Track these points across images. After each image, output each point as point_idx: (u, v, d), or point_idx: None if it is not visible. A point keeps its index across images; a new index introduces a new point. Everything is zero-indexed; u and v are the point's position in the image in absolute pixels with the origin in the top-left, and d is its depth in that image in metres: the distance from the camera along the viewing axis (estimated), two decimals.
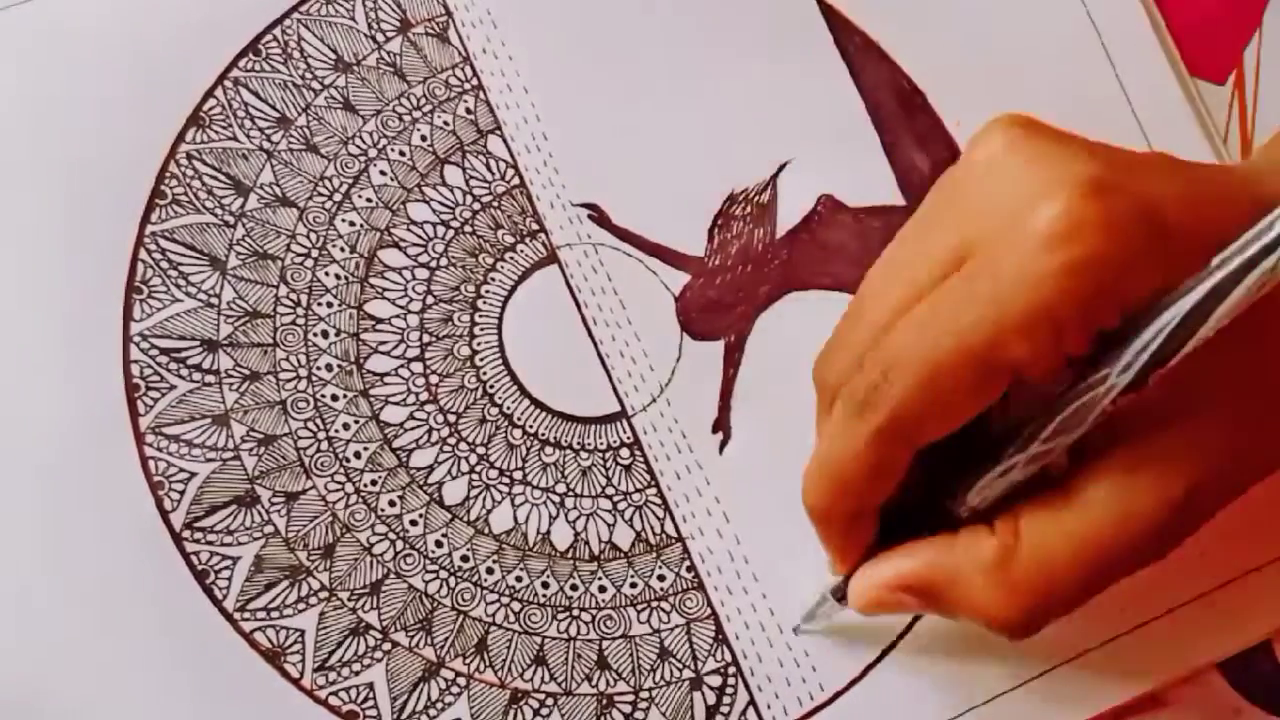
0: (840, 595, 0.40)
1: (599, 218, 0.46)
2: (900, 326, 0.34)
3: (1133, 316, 0.32)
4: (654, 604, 0.44)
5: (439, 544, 0.43)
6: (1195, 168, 0.36)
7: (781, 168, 0.47)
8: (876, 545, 0.39)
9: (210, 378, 0.43)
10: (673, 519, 0.44)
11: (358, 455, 0.43)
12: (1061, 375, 0.34)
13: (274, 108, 0.45)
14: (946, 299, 0.33)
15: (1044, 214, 0.32)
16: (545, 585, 0.43)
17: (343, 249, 0.45)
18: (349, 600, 0.43)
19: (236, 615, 0.42)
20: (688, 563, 0.44)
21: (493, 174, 0.46)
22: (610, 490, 0.44)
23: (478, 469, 0.44)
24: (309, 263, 0.44)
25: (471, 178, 0.46)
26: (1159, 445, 0.34)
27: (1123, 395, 0.33)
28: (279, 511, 0.43)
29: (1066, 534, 0.35)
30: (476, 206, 0.46)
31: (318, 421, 0.43)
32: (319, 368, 0.44)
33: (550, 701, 0.43)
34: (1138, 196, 0.32)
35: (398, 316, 0.44)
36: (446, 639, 0.43)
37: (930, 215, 0.36)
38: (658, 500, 0.44)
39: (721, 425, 0.45)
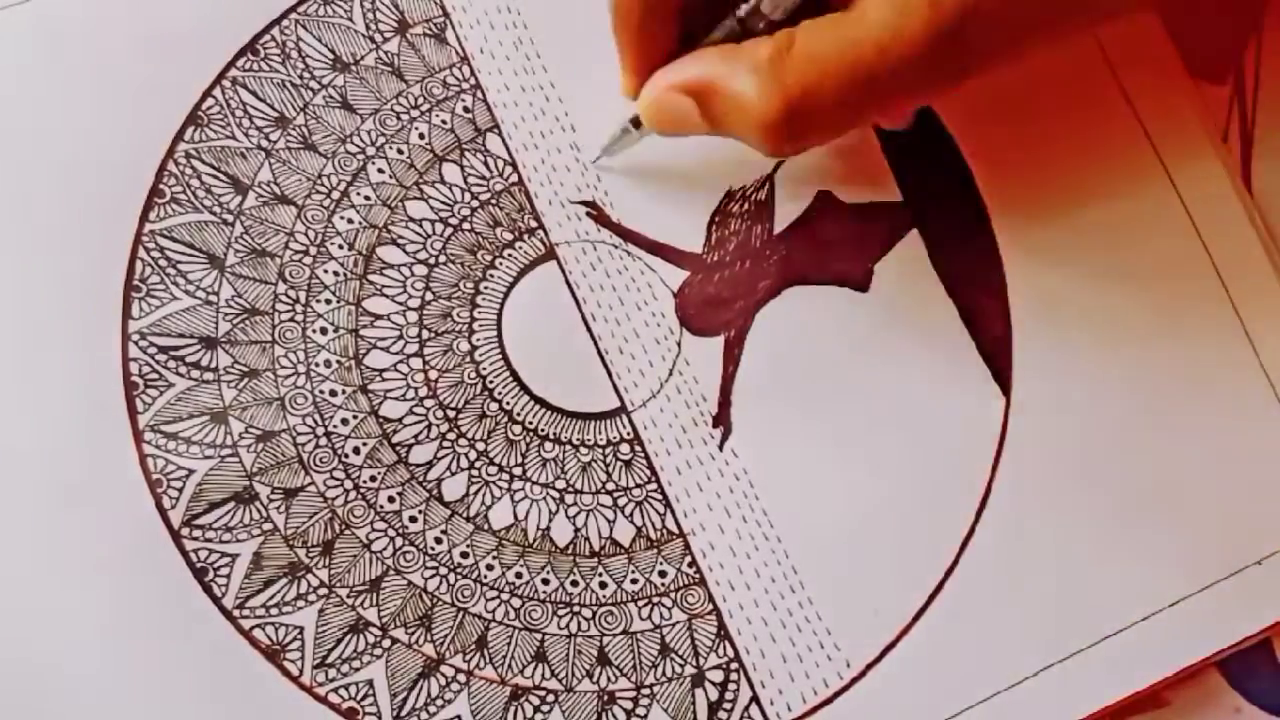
0: (637, 123, 0.43)
1: (597, 215, 0.46)
2: None
3: None
4: (655, 600, 0.44)
5: (438, 540, 0.43)
6: None
7: (779, 165, 0.47)
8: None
9: (209, 375, 0.43)
10: (673, 514, 0.44)
11: (357, 451, 0.43)
12: None
13: (272, 107, 0.45)
14: None
15: None
16: (545, 581, 0.43)
17: (341, 246, 0.45)
18: (348, 597, 0.42)
19: (235, 613, 0.42)
20: (689, 558, 0.44)
21: (491, 172, 0.46)
22: (610, 486, 0.44)
23: (477, 465, 0.44)
24: (307, 260, 0.44)
25: (470, 175, 0.46)
26: None
27: None
28: (278, 508, 0.43)
29: (837, 38, 0.38)
30: (475, 204, 0.46)
31: (316, 417, 0.43)
32: (317, 364, 0.44)
33: (551, 698, 0.43)
34: None
35: (396, 313, 0.44)
36: (446, 636, 0.43)
37: None
38: (658, 496, 0.44)
39: (722, 420, 0.45)
